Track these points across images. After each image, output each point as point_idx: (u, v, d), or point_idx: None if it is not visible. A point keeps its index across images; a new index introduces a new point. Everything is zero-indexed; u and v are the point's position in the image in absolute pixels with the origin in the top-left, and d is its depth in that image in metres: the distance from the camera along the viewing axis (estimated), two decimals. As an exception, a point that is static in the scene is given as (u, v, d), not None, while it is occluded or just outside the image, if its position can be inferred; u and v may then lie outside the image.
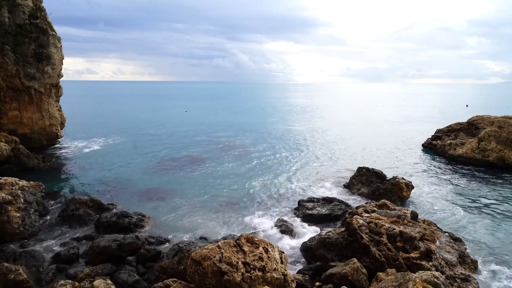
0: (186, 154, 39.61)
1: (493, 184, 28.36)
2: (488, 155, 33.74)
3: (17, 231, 18.03)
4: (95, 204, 22.09)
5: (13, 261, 15.37)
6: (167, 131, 56.28)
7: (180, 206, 23.59)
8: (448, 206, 23.72)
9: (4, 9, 33.84)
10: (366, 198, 24.72)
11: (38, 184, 22.67)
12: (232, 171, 32.40)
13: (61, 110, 40.31)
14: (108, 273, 14.86)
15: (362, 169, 27.91)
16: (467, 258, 15.49)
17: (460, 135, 40.38)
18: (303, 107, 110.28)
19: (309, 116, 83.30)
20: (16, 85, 34.84)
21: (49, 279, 14.73)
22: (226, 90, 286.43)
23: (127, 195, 25.78)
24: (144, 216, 20.88)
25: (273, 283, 11.57)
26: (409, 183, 25.46)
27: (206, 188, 27.25)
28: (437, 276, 11.30)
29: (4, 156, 31.08)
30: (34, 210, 20.10)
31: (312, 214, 21.06)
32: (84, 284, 13.25)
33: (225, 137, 50.84)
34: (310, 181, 29.60)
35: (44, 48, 35.61)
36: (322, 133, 55.70)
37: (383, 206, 18.74)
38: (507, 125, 34.66)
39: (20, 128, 36.39)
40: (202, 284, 11.18)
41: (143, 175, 30.69)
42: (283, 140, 48.55)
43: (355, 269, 13.40)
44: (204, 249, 11.86)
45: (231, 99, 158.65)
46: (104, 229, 19.20)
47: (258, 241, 12.81)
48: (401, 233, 15.15)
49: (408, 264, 14.00)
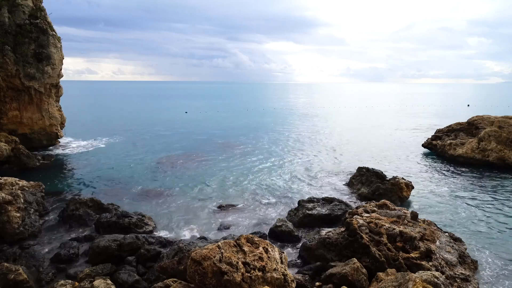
0: (186, 154, 39.60)
1: (493, 184, 28.35)
2: (488, 155, 33.74)
3: (17, 231, 18.01)
4: (95, 204, 22.07)
5: (13, 261, 15.37)
6: (167, 131, 56.30)
7: (180, 206, 23.60)
8: (448, 206, 23.72)
9: (4, 9, 33.86)
10: (366, 198, 24.72)
11: (38, 184, 22.67)
12: (232, 171, 32.40)
13: (61, 110, 40.34)
14: (108, 273, 14.85)
15: (362, 169, 27.91)
16: (467, 258, 15.49)
17: (460, 135, 40.37)
18: (303, 107, 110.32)
19: (309, 116, 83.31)
20: (16, 85, 34.85)
21: (49, 279, 14.73)
22: (226, 90, 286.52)
23: (127, 195, 25.79)
24: (144, 216, 20.87)
25: (273, 283, 11.56)
26: (409, 183, 25.45)
27: (206, 188, 27.26)
28: (437, 276, 11.30)
29: (4, 156, 31.08)
30: (34, 210, 20.09)
31: (312, 214, 21.03)
32: (84, 284, 13.24)
33: (225, 137, 50.85)
34: (310, 181, 29.61)
35: (44, 48, 35.63)
36: (322, 133, 55.72)
37: (383, 206, 18.73)
38: (507, 125, 34.66)
39: (20, 128, 36.41)
40: (202, 284, 11.18)
41: (143, 175, 30.70)
42: (283, 140, 48.57)
43: (355, 269, 13.40)
44: (204, 249, 11.86)
45: (231, 99, 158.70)
46: (104, 229, 19.18)
47: (258, 241, 12.80)
48: (401, 233, 15.14)
49: (408, 264, 14.00)
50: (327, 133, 55.71)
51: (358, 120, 73.99)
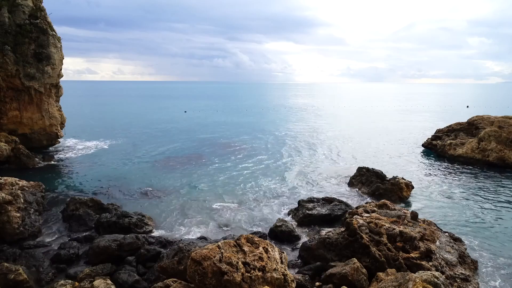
0: (186, 154, 39.61)
1: (493, 184, 28.35)
2: (488, 155, 33.74)
3: (17, 231, 18.01)
4: (95, 204, 22.08)
5: (13, 261, 15.37)
6: (167, 131, 56.30)
7: (180, 206, 23.60)
8: (448, 206, 23.71)
9: (4, 9, 33.84)
10: (366, 198, 24.72)
11: (38, 184, 22.67)
12: (232, 171, 32.40)
13: (61, 110, 40.30)
14: (108, 273, 14.86)
15: (362, 169, 27.92)
16: (467, 258, 15.49)
17: (460, 135, 40.38)
18: (303, 107, 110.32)
19: (309, 116, 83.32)
20: (16, 85, 34.83)
21: (49, 279, 14.73)
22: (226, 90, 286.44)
23: (127, 195, 25.79)
24: (144, 216, 20.87)
25: (273, 283, 11.56)
26: (409, 183, 25.46)
27: (206, 188, 27.25)
28: (437, 276, 11.30)
29: (4, 156, 31.08)
30: (34, 210, 20.09)
31: (312, 214, 21.05)
32: (84, 284, 13.25)
33: (225, 137, 50.85)
34: (310, 181, 29.60)
35: (44, 48, 35.60)
36: (322, 133, 55.71)
37: (383, 206, 18.73)
38: (507, 125, 34.66)
39: (20, 128, 36.38)
40: (202, 284, 11.18)
41: (143, 175, 30.69)
42: (283, 140, 48.57)
43: (355, 269, 13.40)
44: (204, 249, 11.85)
45: (231, 99, 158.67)
46: (104, 229, 19.19)
47: (258, 241, 12.79)
48: (401, 233, 15.14)
49: (408, 264, 13.99)
50: (327, 133, 55.69)
51: (358, 120, 74.00)
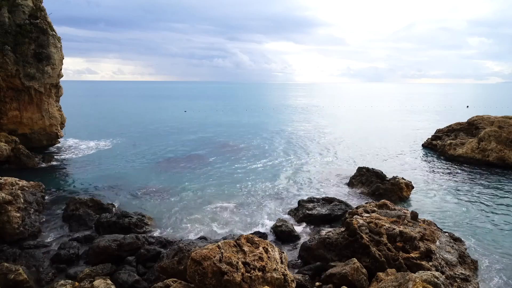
0: (186, 154, 39.61)
1: (493, 184, 28.35)
2: (488, 155, 33.74)
3: (17, 231, 18.02)
4: (95, 204, 22.08)
5: (13, 261, 15.37)
6: (167, 131, 56.30)
7: (180, 206, 23.60)
8: (448, 206, 23.71)
9: (4, 9, 33.84)
10: (366, 198, 24.72)
11: (38, 184, 22.68)
12: (232, 171, 32.40)
13: (61, 110, 40.32)
14: (108, 273, 14.86)
15: (362, 169, 27.92)
16: (467, 258, 15.49)
17: (460, 135, 40.40)
18: (303, 107, 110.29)
19: (309, 116, 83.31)
20: (16, 85, 34.84)
21: (49, 279, 14.73)
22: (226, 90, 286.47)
23: (127, 195, 25.78)
24: (144, 216, 20.88)
25: (273, 283, 11.56)
26: (409, 183, 25.45)
27: (206, 188, 27.25)
28: (437, 276, 11.30)
29: (4, 156, 31.08)
30: (34, 210, 20.10)
31: (312, 214, 21.05)
32: (84, 284, 13.25)
33: (224, 137, 50.85)
34: (310, 181, 29.60)
35: (44, 48, 35.61)
36: (322, 133, 55.70)
37: (383, 206, 18.73)
38: (507, 125, 34.66)
39: (20, 128, 36.39)
40: (202, 284, 11.18)
41: (143, 175, 30.69)
42: (283, 140, 48.56)
43: (355, 269, 13.40)
44: (204, 249, 11.85)
45: (231, 99, 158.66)
46: (104, 229, 19.19)
47: (258, 241, 12.80)
48: (401, 233, 15.14)
49: (408, 264, 13.99)
50: (327, 133, 55.69)
51: (358, 120, 73.99)
